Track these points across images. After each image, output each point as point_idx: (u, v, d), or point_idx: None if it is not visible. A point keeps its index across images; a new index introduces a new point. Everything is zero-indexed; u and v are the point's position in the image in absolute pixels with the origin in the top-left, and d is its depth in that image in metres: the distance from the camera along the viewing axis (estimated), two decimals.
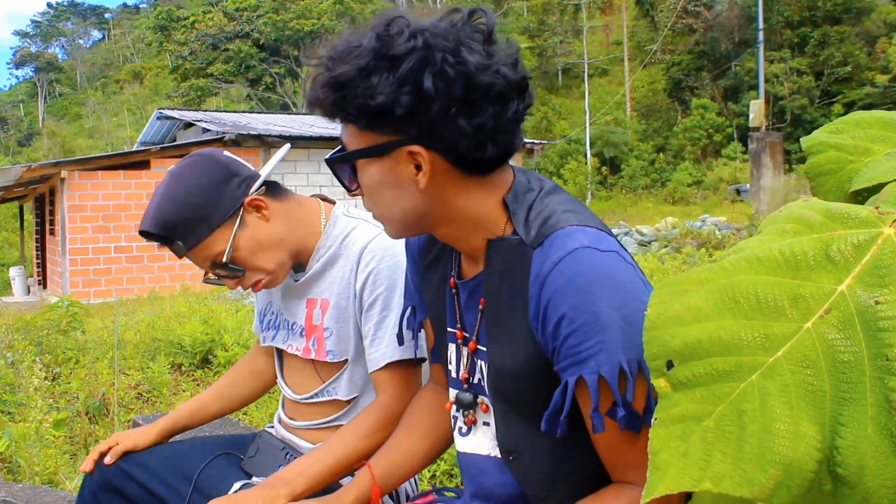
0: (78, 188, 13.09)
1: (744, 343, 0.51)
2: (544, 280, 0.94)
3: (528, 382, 1.01)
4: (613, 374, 0.88)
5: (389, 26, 0.94)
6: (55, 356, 5.12)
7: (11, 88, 74.02)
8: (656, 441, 0.50)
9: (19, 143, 52.06)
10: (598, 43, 39.07)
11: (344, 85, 0.95)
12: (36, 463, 3.01)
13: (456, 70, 0.92)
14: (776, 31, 28.50)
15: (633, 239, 14.70)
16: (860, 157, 1.01)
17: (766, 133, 15.85)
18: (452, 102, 0.94)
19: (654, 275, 7.06)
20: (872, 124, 1.07)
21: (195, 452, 1.63)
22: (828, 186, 0.99)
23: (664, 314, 0.54)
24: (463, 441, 1.17)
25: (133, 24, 65.66)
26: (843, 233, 0.57)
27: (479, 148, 0.97)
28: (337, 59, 0.95)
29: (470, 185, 1.02)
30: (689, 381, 0.51)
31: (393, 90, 0.93)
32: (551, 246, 0.96)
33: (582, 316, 0.90)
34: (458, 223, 1.05)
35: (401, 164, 0.99)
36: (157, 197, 1.46)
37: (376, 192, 1.04)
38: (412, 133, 0.96)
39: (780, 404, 0.49)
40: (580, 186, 26.76)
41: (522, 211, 1.02)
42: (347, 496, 1.30)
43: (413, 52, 0.92)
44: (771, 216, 0.66)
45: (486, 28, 0.97)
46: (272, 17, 40.49)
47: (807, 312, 0.52)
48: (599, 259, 0.92)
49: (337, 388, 1.55)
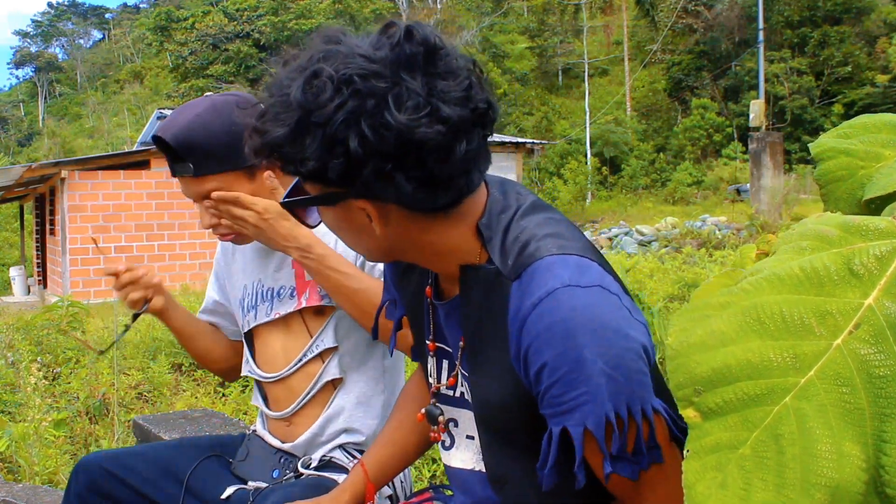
0: (78, 188, 13.07)
1: (774, 364, 0.50)
2: (524, 322, 0.89)
3: (515, 414, 0.97)
4: (599, 426, 0.84)
5: (315, 78, 0.85)
6: (55, 356, 5.11)
7: (11, 88, 74.01)
8: (690, 474, 0.49)
9: (19, 143, 52.06)
10: (598, 43, 39.05)
11: (275, 149, 0.90)
12: (36, 463, 3.00)
13: (384, 127, 0.84)
14: (776, 31, 28.50)
15: (633, 239, 14.70)
16: (871, 163, 0.99)
17: (767, 133, 15.83)
18: (387, 160, 0.86)
19: (654, 275, 7.05)
20: (882, 128, 1.05)
21: (183, 454, 1.62)
22: (839, 193, 0.97)
23: (687, 341, 0.53)
24: (447, 455, 1.15)
25: (133, 24, 65.55)
26: (863, 245, 0.56)
27: (428, 199, 0.91)
28: (267, 121, 0.90)
29: (435, 222, 0.95)
30: (720, 407, 0.49)
31: (322, 154, 0.86)
32: (531, 281, 0.89)
33: (565, 365, 0.85)
34: (428, 255, 1.00)
35: (352, 212, 0.94)
36: (189, 115, 1.47)
37: (338, 231, 1.02)
38: (353, 190, 0.90)
39: (819, 425, 0.47)
40: (580, 186, 26.74)
41: (498, 237, 0.95)
42: (342, 496, 1.31)
43: (339, 109, 0.84)
44: (784, 235, 0.65)
45: (427, 51, 0.87)
46: (272, 18, 40.49)
47: (835, 329, 0.51)
48: (581, 298, 0.86)
49: (324, 339, 1.57)
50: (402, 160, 0.86)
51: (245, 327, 1.69)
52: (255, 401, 1.72)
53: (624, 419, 0.85)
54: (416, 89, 0.85)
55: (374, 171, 0.86)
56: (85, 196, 13.12)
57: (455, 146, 0.88)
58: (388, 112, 0.84)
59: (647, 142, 30.65)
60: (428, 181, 0.88)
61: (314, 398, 1.58)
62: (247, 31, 41.17)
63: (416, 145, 0.85)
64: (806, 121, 27.33)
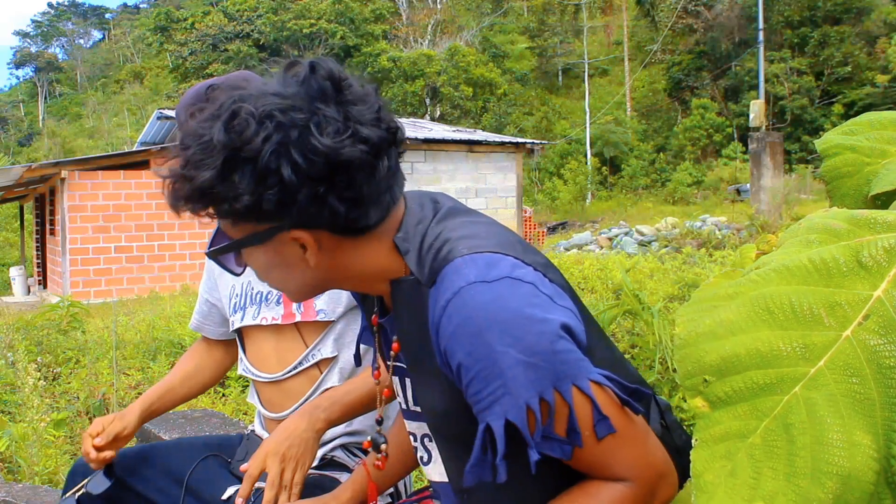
0: (78, 188, 13.07)
1: (783, 354, 0.49)
2: (438, 326, 0.90)
3: (460, 419, 0.97)
4: (521, 415, 0.84)
5: (234, 118, 0.87)
6: (55, 356, 5.11)
7: (11, 88, 73.97)
8: (699, 463, 0.49)
9: (19, 143, 52.02)
10: (598, 43, 39.07)
11: (205, 193, 0.89)
12: (36, 463, 3.00)
13: (313, 152, 0.87)
14: (776, 31, 28.52)
15: (633, 239, 14.70)
16: (877, 160, 0.99)
17: (767, 133, 15.83)
18: (319, 184, 0.88)
19: (654, 275, 7.03)
20: (887, 125, 1.05)
21: (182, 454, 1.62)
22: (845, 189, 0.97)
23: (695, 331, 0.52)
24: (427, 470, 1.15)
25: (133, 24, 65.60)
26: (871, 238, 0.55)
27: (360, 217, 0.93)
28: (192, 166, 0.89)
29: (360, 243, 0.97)
30: (729, 397, 0.49)
31: (255, 188, 0.87)
32: (441, 284, 0.91)
33: (478, 362, 0.86)
34: (358, 280, 1.02)
35: (285, 245, 0.95)
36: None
37: (268, 272, 1.00)
38: (288, 221, 0.91)
39: (829, 414, 0.47)
40: (580, 186, 26.75)
41: (415, 248, 0.97)
42: (344, 494, 1.31)
43: (266, 141, 0.86)
44: (790, 229, 0.64)
45: (334, 82, 0.90)
46: (271, 18, 40.48)
47: (844, 320, 0.50)
48: (486, 294, 0.87)
49: (322, 349, 1.56)
50: (333, 182, 0.89)
51: (233, 325, 1.69)
52: (251, 399, 1.72)
53: (550, 402, 0.85)
54: (333, 116, 0.88)
55: (308, 196, 0.89)
56: (85, 196, 13.11)
57: (378, 164, 0.91)
58: (312, 138, 0.87)
59: (647, 142, 30.66)
60: (358, 200, 0.92)
61: None
62: (246, 31, 41.18)
63: (344, 166, 0.88)
64: (806, 121, 27.35)
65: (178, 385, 1.78)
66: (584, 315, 0.97)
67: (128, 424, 1.60)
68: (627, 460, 0.90)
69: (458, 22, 40.48)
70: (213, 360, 1.84)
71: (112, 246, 13.24)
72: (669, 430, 1.04)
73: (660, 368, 3.62)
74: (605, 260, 8.36)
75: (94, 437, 1.54)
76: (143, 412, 1.67)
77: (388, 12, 42.24)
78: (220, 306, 1.77)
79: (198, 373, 1.81)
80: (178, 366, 1.82)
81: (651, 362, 3.79)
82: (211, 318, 1.80)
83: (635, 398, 0.91)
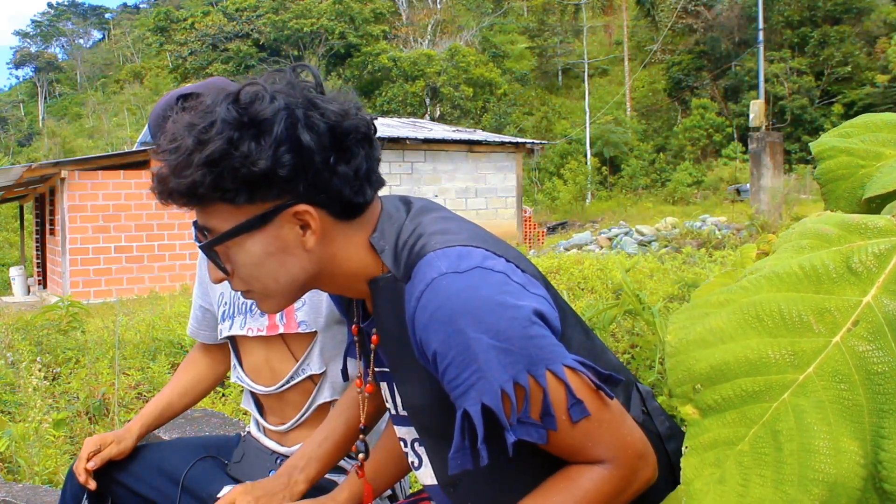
0: (78, 188, 13.07)
1: (772, 361, 0.50)
2: (413, 318, 0.92)
3: (441, 411, 0.98)
4: (496, 400, 0.86)
5: (241, 94, 0.94)
6: (55, 356, 5.11)
7: (11, 88, 73.94)
8: (689, 470, 0.49)
9: (19, 143, 52.00)
10: (598, 43, 39.05)
11: (218, 161, 0.91)
12: (36, 463, 3.00)
13: (322, 121, 0.94)
14: (776, 31, 28.51)
15: (633, 239, 14.69)
16: (871, 162, 0.99)
17: (766, 133, 15.82)
18: (330, 152, 0.95)
19: (654, 275, 7.03)
20: (882, 127, 1.05)
21: (178, 454, 1.63)
22: (839, 192, 0.97)
23: (686, 338, 0.53)
24: (419, 474, 1.16)
25: (133, 24, 65.59)
26: (862, 243, 0.56)
27: (360, 192, 0.99)
28: (201, 139, 0.92)
29: (348, 232, 1.01)
30: (719, 404, 0.50)
31: (272, 153, 0.92)
32: (415, 278, 0.94)
33: (452, 349, 0.88)
34: (340, 278, 1.04)
35: (284, 227, 0.97)
36: None
37: (260, 265, 1.00)
38: (298, 192, 0.95)
39: (817, 421, 0.48)
40: (580, 186, 26.74)
41: (390, 246, 1.01)
42: (340, 495, 1.32)
43: (280, 111, 0.93)
44: (784, 234, 0.65)
45: (316, 81, 0.99)
46: (272, 17, 40.46)
47: (834, 326, 0.51)
48: (458, 283, 0.89)
49: (310, 364, 1.57)
50: (341, 150, 0.96)
51: (222, 333, 1.70)
52: (246, 405, 1.73)
53: (525, 386, 0.87)
54: (327, 98, 0.98)
55: (322, 162, 0.94)
56: (85, 196, 13.11)
57: (372, 139, 1.00)
58: (317, 111, 0.95)
59: (647, 142, 30.65)
60: (360, 172, 0.98)
61: (310, 418, 1.60)
62: (246, 30, 41.14)
63: (351, 134, 0.96)
64: (806, 121, 27.34)
65: (176, 400, 1.79)
66: (558, 303, 0.99)
67: (124, 450, 1.62)
68: (604, 443, 0.91)
69: (458, 22, 40.48)
70: (211, 369, 1.84)
71: (112, 246, 13.25)
72: (651, 416, 1.05)
73: (660, 368, 3.62)
74: (605, 260, 8.35)
75: (87, 461, 1.57)
76: (141, 434, 1.69)
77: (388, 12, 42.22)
78: (213, 311, 1.78)
79: (196, 385, 1.82)
80: (176, 378, 1.82)
81: (651, 362, 3.79)
82: (206, 324, 1.81)
83: (610, 384, 0.93)
